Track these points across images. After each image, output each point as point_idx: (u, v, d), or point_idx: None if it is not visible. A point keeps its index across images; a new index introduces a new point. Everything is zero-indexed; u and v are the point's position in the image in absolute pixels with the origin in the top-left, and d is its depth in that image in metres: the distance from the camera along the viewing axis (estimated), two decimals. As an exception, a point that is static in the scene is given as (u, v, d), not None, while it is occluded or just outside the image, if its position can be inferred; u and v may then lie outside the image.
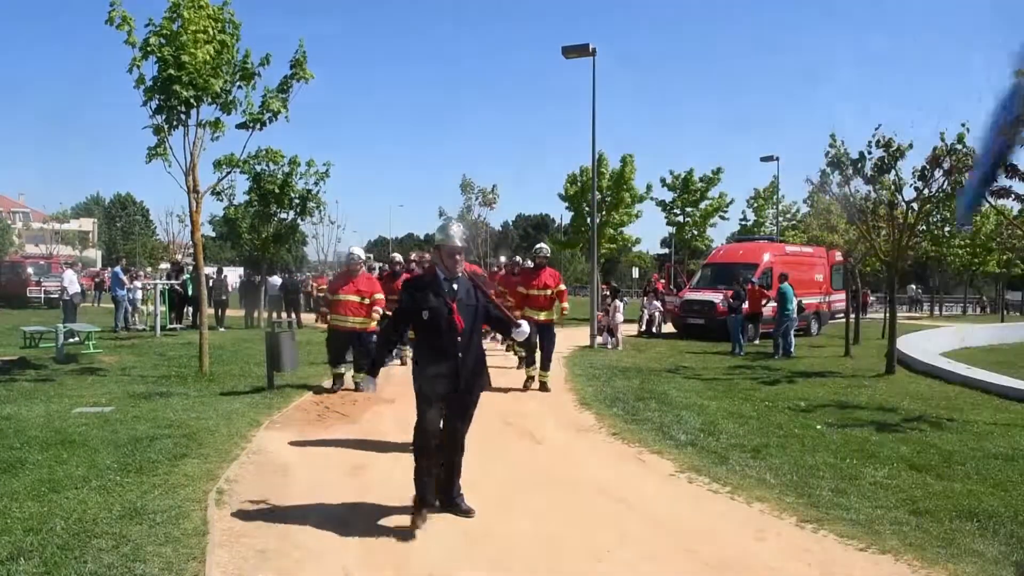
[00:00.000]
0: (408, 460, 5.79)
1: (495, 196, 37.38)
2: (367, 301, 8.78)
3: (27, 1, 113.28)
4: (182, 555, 3.72)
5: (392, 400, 8.35)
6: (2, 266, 29.72)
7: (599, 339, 15.44)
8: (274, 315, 16.73)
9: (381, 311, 8.85)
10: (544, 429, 7.16)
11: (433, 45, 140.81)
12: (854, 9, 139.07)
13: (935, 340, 17.50)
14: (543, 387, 9.34)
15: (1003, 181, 9.18)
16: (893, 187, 11.77)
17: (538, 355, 9.44)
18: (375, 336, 8.83)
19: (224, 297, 19.99)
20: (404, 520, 4.39)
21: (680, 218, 34.01)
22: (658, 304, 20.07)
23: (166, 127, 9.30)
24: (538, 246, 10.26)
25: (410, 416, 4.59)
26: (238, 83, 9.49)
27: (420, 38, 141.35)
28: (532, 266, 10.34)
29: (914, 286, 45.94)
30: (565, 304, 10.18)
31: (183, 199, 18.78)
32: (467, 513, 4.49)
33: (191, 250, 17.60)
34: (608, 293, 16.80)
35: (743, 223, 38.60)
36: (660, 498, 5.02)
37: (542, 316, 9.48)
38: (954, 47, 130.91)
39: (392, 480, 5.22)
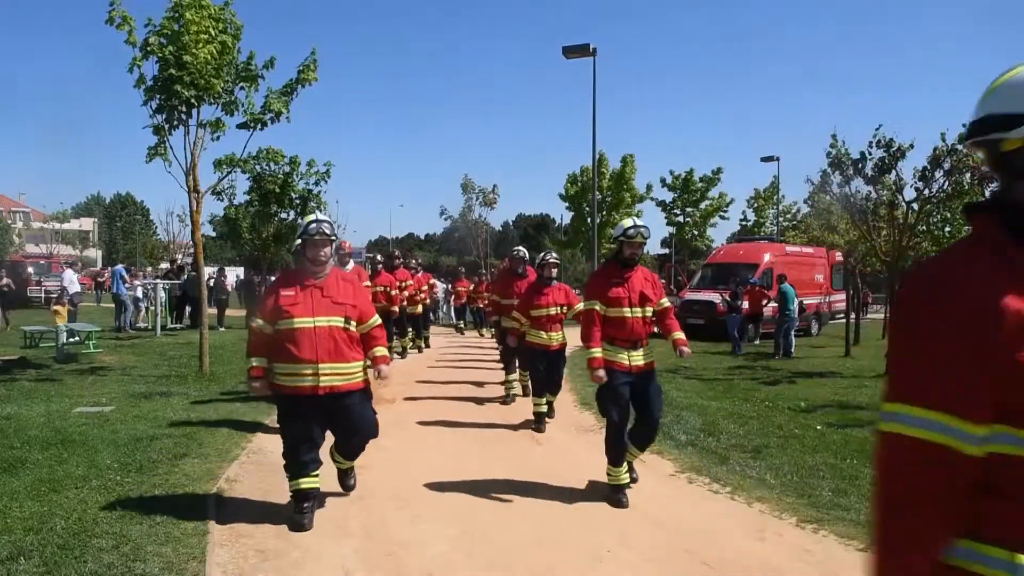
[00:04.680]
0: (408, 462, 5.81)
1: (495, 196, 37.40)
2: (353, 327, 4.35)
3: (28, 1, 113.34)
4: (182, 555, 3.72)
5: (392, 400, 8.35)
6: (2, 265, 29.76)
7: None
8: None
9: (385, 351, 4.59)
10: (544, 429, 7.16)
11: (434, 44, 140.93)
12: (856, 7, 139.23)
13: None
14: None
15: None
16: (894, 187, 11.79)
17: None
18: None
19: (224, 296, 20.01)
20: (403, 520, 4.39)
21: (680, 218, 34.02)
22: None
23: (166, 127, 9.31)
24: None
25: (409, 418, 4.57)
26: (240, 84, 9.51)
27: (420, 36, 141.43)
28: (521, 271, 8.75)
29: None
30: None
31: (183, 199, 18.79)
32: None
33: (191, 250, 17.59)
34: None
35: (743, 223, 38.60)
36: (660, 498, 5.02)
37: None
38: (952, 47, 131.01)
39: (392, 480, 5.22)
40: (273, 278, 6.80)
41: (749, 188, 41.35)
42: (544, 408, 7.28)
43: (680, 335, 5.18)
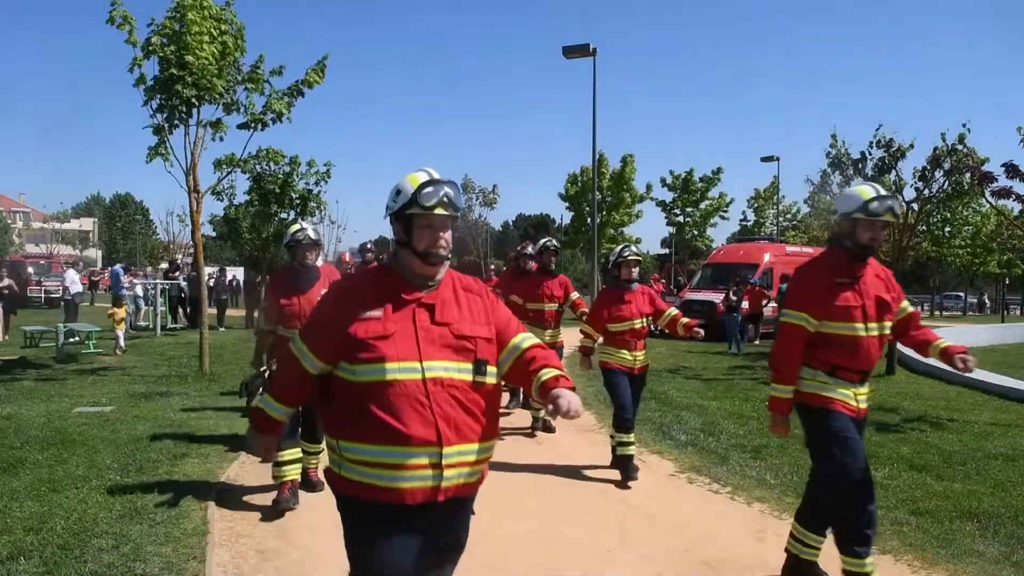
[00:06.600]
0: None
1: (495, 196, 37.44)
2: (490, 378, 2.22)
3: (28, 1, 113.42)
4: (182, 555, 3.72)
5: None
6: (3, 266, 29.75)
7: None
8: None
9: (559, 371, 2.27)
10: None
11: (433, 43, 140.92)
12: (856, 8, 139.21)
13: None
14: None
15: (1004, 181, 9.22)
16: (894, 187, 11.79)
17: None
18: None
19: (224, 296, 20.03)
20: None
21: (680, 218, 34.03)
22: None
23: (167, 126, 9.32)
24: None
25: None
26: (245, 85, 9.54)
27: (420, 36, 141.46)
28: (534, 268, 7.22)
29: (982, 294, 44.84)
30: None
31: (183, 199, 18.85)
32: None
33: (191, 250, 17.59)
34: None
35: (743, 223, 38.64)
36: (660, 498, 5.02)
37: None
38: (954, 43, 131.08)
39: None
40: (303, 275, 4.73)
41: (749, 188, 41.44)
42: (632, 449, 5.44)
43: (946, 342, 3.43)
